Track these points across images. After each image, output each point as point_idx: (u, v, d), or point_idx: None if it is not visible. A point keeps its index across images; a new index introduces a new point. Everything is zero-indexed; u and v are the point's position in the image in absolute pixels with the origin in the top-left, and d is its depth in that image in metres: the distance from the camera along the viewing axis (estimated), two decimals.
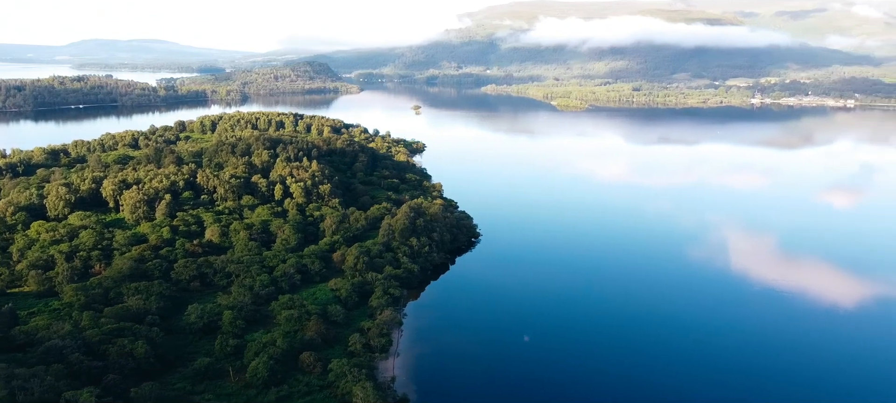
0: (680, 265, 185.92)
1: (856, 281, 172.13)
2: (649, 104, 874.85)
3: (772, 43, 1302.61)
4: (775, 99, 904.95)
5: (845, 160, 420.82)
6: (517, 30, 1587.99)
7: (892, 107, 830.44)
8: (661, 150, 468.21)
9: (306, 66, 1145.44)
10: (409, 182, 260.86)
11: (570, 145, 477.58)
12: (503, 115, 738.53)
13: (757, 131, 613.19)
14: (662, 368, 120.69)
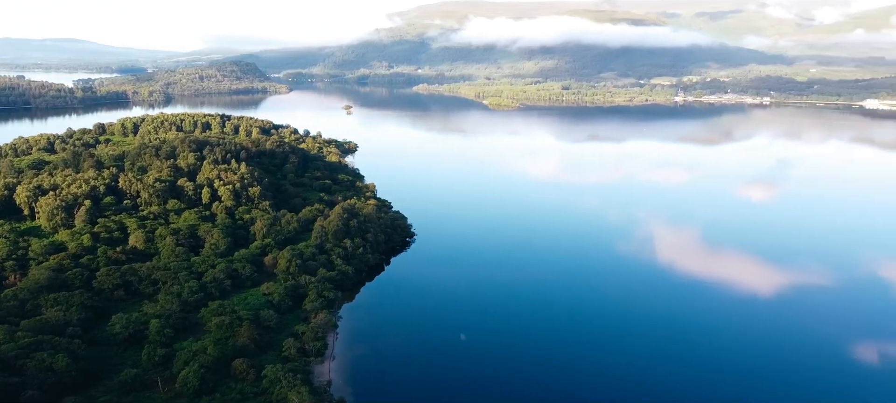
0: (610, 258, 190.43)
1: (773, 269, 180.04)
2: (578, 102, 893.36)
3: (693, 43, 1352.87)
4: (697, 97, 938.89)
5: (763, 155, 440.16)
6: (448, 29, 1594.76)
7: (804, 103, 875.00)
8: (591, 148, 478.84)
9: (233, 66, 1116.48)
10: (341, 183, 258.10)
11: (503, 143, 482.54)
12: (436, 115, 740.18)
13: (681, 128, 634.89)
14: (595, 359, 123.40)
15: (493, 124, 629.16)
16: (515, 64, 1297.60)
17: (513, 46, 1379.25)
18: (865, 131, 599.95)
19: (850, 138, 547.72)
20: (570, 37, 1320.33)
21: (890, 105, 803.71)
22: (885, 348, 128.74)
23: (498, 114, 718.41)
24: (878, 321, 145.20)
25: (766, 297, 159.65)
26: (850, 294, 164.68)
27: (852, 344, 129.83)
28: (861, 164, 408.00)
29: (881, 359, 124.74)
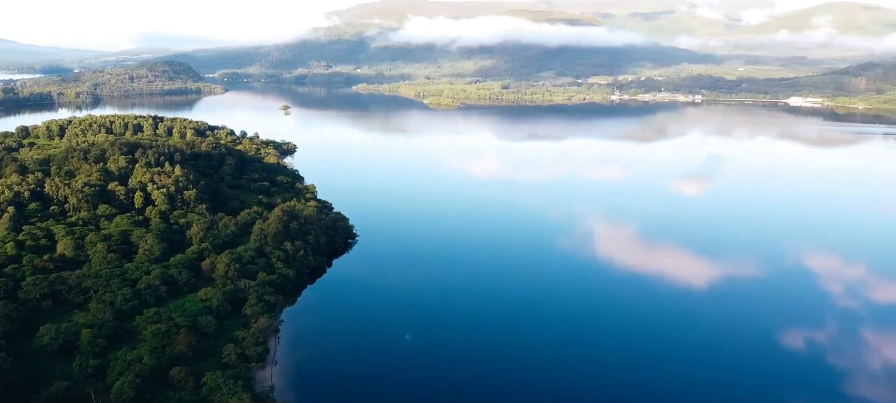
0: (552, 254, 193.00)
1: (708, 261, 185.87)
2: (518, 101, 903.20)
3: (628, 43, 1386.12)
4: (633, 95, 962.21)
5: (696, 151, 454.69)
6: (387, 28, 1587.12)
7: (733, 101, 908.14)
8: (532, 146, 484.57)
9: (165, 66, 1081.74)
10: (280, 184, 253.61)
11: (445, 143, 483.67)
12: (376, 114, 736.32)
13: (618, 126, 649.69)
14: (538, 352, 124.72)
15: (434, 123, 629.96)
16: (455, 63, 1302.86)
17: (452, 46, 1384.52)
18: (790, 127, 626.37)
19: (776, 134, 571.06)
20: (508, 36, 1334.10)
21: (812, 102, 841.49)
22: (809, 332, 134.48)
23: (438, 114, 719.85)
24: (803, 307, 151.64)
25: (701, 287, 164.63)
26: (779, 281, 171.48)
27: (781, 330, 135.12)
28: (786, 159, 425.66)
29: (806, 342, 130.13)
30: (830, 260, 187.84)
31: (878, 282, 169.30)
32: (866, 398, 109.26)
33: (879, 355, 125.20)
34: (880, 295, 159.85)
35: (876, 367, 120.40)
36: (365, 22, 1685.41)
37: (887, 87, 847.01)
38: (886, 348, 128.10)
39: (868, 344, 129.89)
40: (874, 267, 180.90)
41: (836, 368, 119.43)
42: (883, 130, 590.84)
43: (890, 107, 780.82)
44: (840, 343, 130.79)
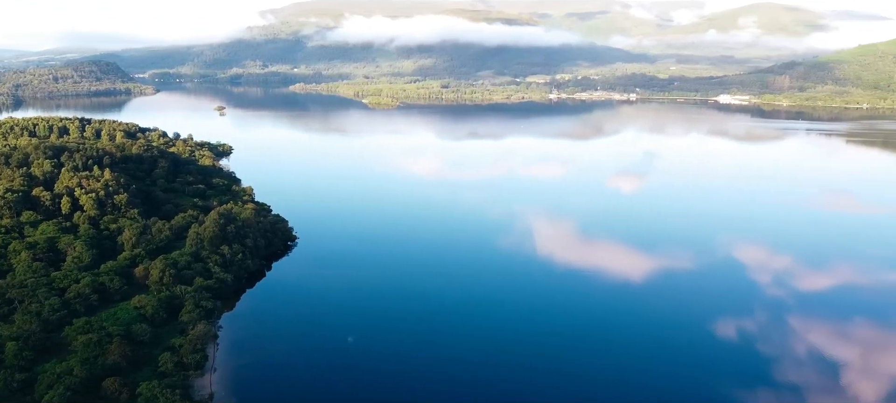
0: (493, 252, 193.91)
1: (644, 255, 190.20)
2: (458, 100, 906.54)
3: (564, 42, 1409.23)
4: (570, 94, 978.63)
5: (632, 148, 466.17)
6: (324, 27, 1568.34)
7: (666, 99, 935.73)
8: (473, 145, 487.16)
9: (92, 66, 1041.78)
10: (216, 187, 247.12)
11: (385, 142, 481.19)
12: (314, 114, 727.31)
13: (557, 124, 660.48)
14: (482, 351, 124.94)
15: (374, 123, 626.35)
16: (394, 63, 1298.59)
17: (391, 45, 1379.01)
18: (720, 124, 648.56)
19: (707, 131, 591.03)
20: (447, 36, 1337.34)
21: (740, 100, 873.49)
22: (742, 321, 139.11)
23: (378, 113, 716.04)
24: (737, 297, 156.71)
25: (639, 281, 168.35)
26: (713, 273, 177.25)
27: (716, 319, 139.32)
28: (718, 155, 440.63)
29: (738, 331, 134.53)
30: (760, 251, 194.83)
31: (803, 271, 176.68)
32: (794, 381, 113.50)
33: (805, 340, 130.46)
34: (806, 283, 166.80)
35: (802, 351, 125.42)
36: (301, 21, 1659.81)
37: (808, 85, 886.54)
38: (812, 333, 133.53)
39: (795, 330, 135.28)
40: (799, 256, 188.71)
41: (767, 354, 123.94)
42: (805, 126, 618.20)
43: (811, 103, 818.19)
44: (770, 329, 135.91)
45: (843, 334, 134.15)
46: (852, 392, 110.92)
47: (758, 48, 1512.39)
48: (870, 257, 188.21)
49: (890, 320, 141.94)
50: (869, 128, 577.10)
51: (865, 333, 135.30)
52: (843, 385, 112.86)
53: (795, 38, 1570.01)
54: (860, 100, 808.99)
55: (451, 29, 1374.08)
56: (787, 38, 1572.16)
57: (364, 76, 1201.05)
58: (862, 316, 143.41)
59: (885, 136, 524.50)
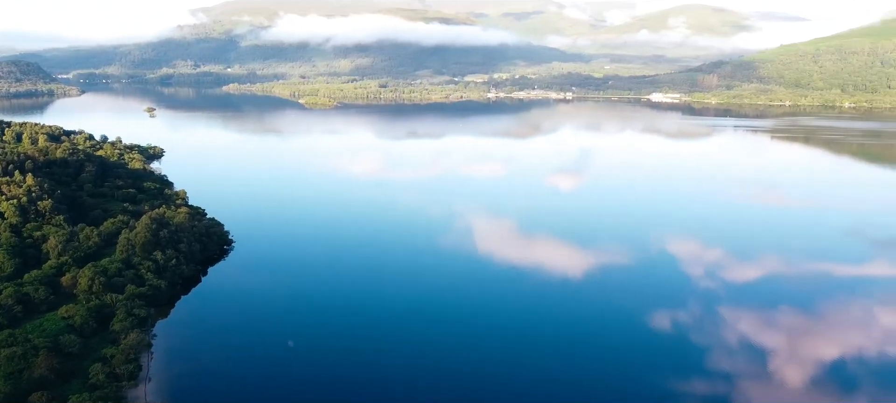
0: (434, 252, 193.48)
1: (583, 251, 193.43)
2: (396, 100, 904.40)
3: (502, 42, 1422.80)
4: (508, 93, 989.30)
5: (570, 145, 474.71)
6: (257, 26, 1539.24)
7: (602, 98, 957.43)
8: (412, 144, 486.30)
9: (11, 67, 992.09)
10: (148, 191, 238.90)
11: (323, 142, 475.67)
12: (249, 115, 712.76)
13: (496, 123, 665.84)
14: (423, 351, 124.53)
15: (312, 123, 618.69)
16: (331, 62, 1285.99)
17: (327, 45, 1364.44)
18: (653, 122, 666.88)
19: (642, 128, 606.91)
20: (384, 35, 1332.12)
21: (671, 98, 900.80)
22: (676, 314, 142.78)
23: (316, 113, 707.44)
24: (671, 290, 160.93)
25: (577, 277, 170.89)
26: (649, 267, 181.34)
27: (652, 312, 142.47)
28: (652, 151, 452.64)
29: (672, 323, 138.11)
30: (693, 245, 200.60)
31: (733, 263, 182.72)
32: (726, 369, 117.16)
33: (736, 329, 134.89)
34: (735, 275, 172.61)
35: (733, 340, 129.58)
36: (234, 19, 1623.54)
37: (735, 84, 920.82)
38: (742, 322, 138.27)
39: (726, 320, 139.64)
40: (729, 249, 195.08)
41: (700, 343, 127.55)
42: (733, 123, 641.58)
43: (738, 101, 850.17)
44: (703, 320, 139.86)
45: (771, 322, 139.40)
46: (779, 376, 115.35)
47: (687, 48, 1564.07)
48: (794, 248, 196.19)
49: (813, 307, 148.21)
50: (791, 125, 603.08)
51: (790, 320, 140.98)
52: (771, 371, 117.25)
53: (722, 38, 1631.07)
54: (783, 97, 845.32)
55: (388, 28, 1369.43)
56: (715, 38, 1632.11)
57: (300, 76, 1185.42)
58: (787, 304, 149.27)
59: (806, 132, 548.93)
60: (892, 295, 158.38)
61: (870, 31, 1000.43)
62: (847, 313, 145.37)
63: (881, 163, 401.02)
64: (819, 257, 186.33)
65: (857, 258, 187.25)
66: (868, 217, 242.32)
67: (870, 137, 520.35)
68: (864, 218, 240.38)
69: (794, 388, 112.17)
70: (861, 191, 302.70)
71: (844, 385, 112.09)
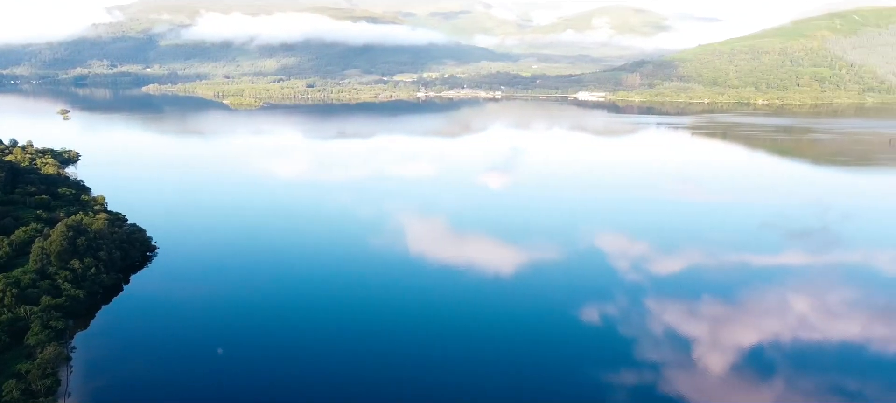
0: (366, 253, 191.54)
1: (515, 249, 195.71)
2: (324, 100, 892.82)
3: (430, 41, 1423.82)
4: (438, 92, 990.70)
5: (499, 144, 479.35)
6: (178, 25, 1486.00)
7: (530, 97, 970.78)
8: (341, 145, 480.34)
9: None
10: (63, 197, 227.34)
11: (250, 144, 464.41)
12: (171, 116, 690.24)
13: (426, 122, 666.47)
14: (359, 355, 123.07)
15: (237, 124, 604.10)
16: (256, 62, 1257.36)
17: (252, 44, 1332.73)
18: (581, 120, 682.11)
19: (570, 126, 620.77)
20: (311, 34, 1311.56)
21: (597, 97, 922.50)
22: (604, 307, 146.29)
23: (241, 114, 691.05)
24: (599, 284, 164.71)
25: (508, 274, 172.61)
26: (577, 263, 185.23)
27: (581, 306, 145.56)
28: (580, 148, 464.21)
29: (601, 315, 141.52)
30: (619, 239, 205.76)
31: (658, 256, 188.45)
32: (653, 358, 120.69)
33: (662, 320, 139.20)
34: (660, 268, 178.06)
35: (659, 330, 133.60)
36: (153, 18, 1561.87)
37: (657, 82, 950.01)
38: (667, 313, 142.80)
39: (652, 311, 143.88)
40: (654, 242, 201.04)
41: (628, 335, 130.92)
42: (655, 120, 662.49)
43: (660, 99, 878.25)
44: (630, 312, 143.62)
45: (694, 311, 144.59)
46: (703, 363, 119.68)
47: (611, 48, 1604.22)
48: (714, 240, 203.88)
49: (732, 296, 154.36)
50: (710, 121, 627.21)
51: (712, 309, 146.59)
52: (695, 358, 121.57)
53: (644, 38, 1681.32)
54: (701, 95, 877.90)
55: (314, 27, 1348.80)
56: (637, 38, 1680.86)
57: (224, 76, 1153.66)
58: (709, 293, 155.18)
59: (724, 128, 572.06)
60: (803, 282, 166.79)
61: (780, 32, 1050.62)
62: (763, 300, 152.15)
63: (791, 157, 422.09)
64: (737, 248, 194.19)
65: (772, 248, 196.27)
66: (780, 209, 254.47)
67: (781, 132, 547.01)
68: (777, 210, 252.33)
69: (716, 373, 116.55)
70: (774, 183, 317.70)
71: (762, 369, 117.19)
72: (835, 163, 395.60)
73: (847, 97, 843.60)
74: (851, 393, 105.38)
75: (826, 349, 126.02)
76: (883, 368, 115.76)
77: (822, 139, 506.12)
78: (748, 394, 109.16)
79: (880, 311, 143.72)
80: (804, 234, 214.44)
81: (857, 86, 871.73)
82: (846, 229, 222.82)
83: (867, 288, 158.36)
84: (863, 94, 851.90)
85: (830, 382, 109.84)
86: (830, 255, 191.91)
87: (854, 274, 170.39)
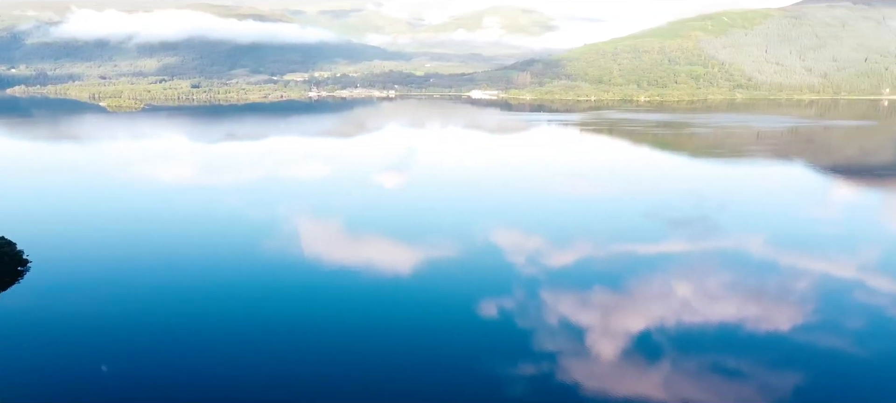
0: (259, 259, 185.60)
1: (413, 248, 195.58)
2: (211, 101, 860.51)
3: (321, 40, 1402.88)
4: (330, 91, 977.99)
5: (396, 143, 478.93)
6: (46, 22, 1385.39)
7: (424, 96, 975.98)
8: (230, 147, 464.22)
9: None
10: None
11: (131, 148, 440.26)
12: (42, 120, 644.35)
13: (319, 122, 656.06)
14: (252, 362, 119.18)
15: (117, 128, 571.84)
16: (135, 62, 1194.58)
17: (130, 43, 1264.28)
18: (474, 118, 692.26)
19: (464, 124, 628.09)
20: (194, 33, 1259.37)
21: (490, 95, 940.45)
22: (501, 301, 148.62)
23: (120, 117, 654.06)
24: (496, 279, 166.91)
25: (407, 273, 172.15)
26: (475, 259, 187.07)
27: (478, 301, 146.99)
28: (473, 146, 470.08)
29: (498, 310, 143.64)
30: (514, 235, 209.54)
31: (551, 250, 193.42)
32: (548, 348, 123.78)
33: (556, 311, 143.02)
34: (553, 261, 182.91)
35: (553, 321, 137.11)
36: (16, 14, 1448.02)
37: (546, 81, 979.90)
38: (562, 304, 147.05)
39: (547, 303, 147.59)
40: (548, 237, 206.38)
41: (525, 327, 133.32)
42: (546, 117, 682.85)
43: (550, 97, 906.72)
44: (526, 305, 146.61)
45: (585, 301, 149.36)
46: (595, 350, 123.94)
47: (502, 47, 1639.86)
48: (602, 232, 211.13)
49: (620, 284, 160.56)
50: (597, 118, 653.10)
51: (602, 298, 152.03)
52: (588, 345, 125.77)
53: (533, 37, 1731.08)
54: (588, 93, 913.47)
55: (198, 25, 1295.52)
56: (526, 37, 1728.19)
57: (100, 77, 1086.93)
58: (599, 283, 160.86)
59: (610, 124, 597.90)
60: (684, 268, 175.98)
61: (658, 33, 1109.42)
62: (649, 287, 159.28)
63: (672, 150, 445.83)
64: (624, 239, 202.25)
65: (655, 237, 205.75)
66: (663, 200, 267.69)
67: (662, 127, 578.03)
68: (661, 201, 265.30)
69: (608, 359, 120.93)
70: (657, 176, 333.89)
71: (650, 352, 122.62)
72: (710, 155, 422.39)
73: (719, 93, 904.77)
74: (730, 370, 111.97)
75: (706, 329, 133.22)
76: (756, 345, 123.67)
77: (699, 133, 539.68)
78: (638, 376, 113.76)
79: (752, 292, 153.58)
80: (684, 223, 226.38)
81: (728, 83, 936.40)
82: (721, 217, 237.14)
83: (740, 272, 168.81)
84: (733, 91, 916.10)
85: (711, 360, 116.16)
86: (707, 242, 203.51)
87: (728, 259, 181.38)
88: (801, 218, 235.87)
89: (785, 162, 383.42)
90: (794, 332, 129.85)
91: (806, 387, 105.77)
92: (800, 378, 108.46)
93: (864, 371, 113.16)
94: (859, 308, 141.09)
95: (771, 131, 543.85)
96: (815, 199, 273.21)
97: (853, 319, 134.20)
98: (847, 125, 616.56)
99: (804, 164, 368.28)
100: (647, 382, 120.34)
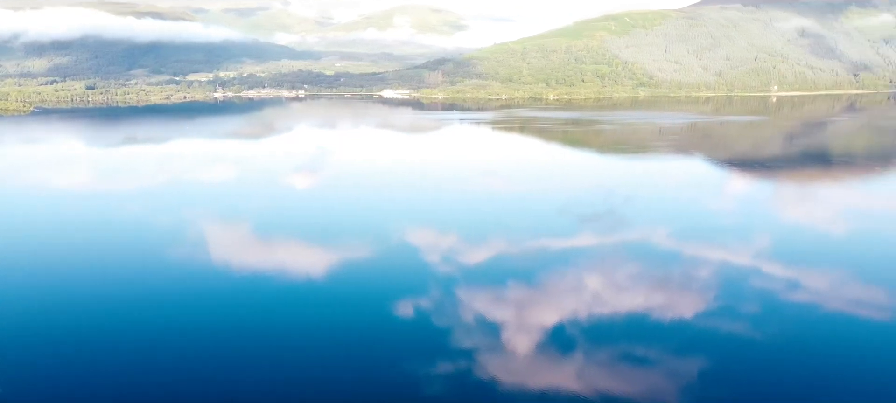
0: (162, 266, 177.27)
1: (327, 249, 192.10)
2: (108, 103, 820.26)
3: (226, 39, 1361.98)
4: (237, 92, 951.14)
5: (307, 144, 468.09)
6: None
7: (335, 95, 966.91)
8: (130, 151, 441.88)
9: None
10: None
11: (19, 155, 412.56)
12: None
13: (225, 124, 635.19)
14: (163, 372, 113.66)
15: (2, 133, 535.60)
16: (22, 62, 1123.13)
17: (16, 42, 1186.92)
18: (386, 117, 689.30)
19: (376, 124, 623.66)
20: (88, 31, 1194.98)
21: (402, 94, 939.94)
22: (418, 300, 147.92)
23: (7, 121, 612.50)
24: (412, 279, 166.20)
25: (321, 276, 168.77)
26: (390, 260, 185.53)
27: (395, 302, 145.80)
28: (386, 145, 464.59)
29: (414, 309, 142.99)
30: (429, 233, 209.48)
31: (466, 248, 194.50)
32: (465, 345, 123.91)
33: (472, 307, 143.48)
34: (468, 258, 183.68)
35: (470, 317, 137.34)
36: None
37: (458, 79, 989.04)
38: (478, 301, 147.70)
39: (463, 300, 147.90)
40: (462, 235, 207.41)
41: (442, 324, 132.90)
42: (458, 116, 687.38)
43: (461, 96, 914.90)
44: (442, 303, 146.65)
45: (501, 297, 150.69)
46: (511, 345, 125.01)
47: (413, 46, 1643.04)
48: (516, 229, 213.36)
49: (534, 280, 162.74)
50: (508, 116, 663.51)
51: (517, 293, 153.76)
52: (504, 341, 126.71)
53: (444, 36, 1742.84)
54: (499, 91, 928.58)
55: (92, 23, 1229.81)
56: (437, 36, 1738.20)
57: None
58: (513, 279, 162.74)
59: (521, 122, 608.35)
60: (594, 261, 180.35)
61: (564, 32, 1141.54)
62: (562, 281, 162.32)
63: (581, 147, 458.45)
64: (537, 235, 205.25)
65: (567, 232, 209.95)
66: (574, 195, 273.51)
67: (571, 125, 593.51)
68: (571, 196, 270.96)
69: (524, 353, 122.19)
70: (567, 172, 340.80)
71: (564, 344, 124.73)
72: (617, 151, 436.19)
73: (624, 91, 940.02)
74: (639, 358, 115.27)
75: (616, 320, 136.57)
76: (662, 332, 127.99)
77: (606, 130, 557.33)
78: (553, 369, 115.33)
79: (657, 282, 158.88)
80: (594, 218, 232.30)
81: (631, 81, 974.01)
82: (628, 211, 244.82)
83: (646, 263, 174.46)
84: (636, 89, 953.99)
85: (621, 350, 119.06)
86: (616, 235, 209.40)
87: (636, 251, 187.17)
88: (701, 210, 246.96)
89: (685, 156, 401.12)
90: (697, 319, 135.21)
91: (709, 370, 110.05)
92: (703, 362, 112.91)
93: (761, 352, 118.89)
94: (755, 293, 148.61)
95: (672, 127, 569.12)
96: (713, 191, 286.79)
97: (750, 304, 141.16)
98: (741, 120, 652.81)
99: (703, 158, 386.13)
100: (562, 374, 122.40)
